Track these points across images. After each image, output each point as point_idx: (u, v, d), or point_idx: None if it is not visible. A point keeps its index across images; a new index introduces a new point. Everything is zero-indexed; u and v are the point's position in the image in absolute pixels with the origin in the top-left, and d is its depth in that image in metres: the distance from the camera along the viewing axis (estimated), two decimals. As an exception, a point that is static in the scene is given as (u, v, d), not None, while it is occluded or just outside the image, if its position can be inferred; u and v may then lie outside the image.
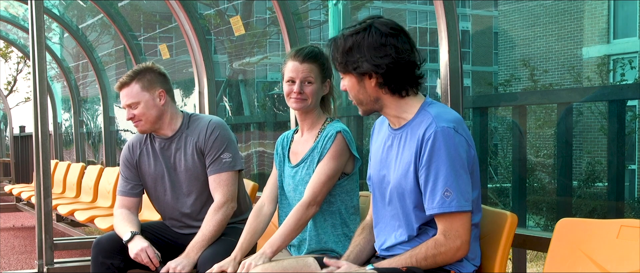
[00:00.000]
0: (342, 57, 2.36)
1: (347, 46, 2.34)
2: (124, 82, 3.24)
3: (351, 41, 2.33)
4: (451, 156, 2.24)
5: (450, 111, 2.39)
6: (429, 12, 26.64)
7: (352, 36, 2.34)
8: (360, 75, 2.35)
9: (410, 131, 2.35)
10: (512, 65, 16.89)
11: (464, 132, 2.30)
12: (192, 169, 3.25)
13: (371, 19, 2.37)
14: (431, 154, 2.25)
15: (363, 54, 2.31)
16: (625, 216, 4.17)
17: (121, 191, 3.39)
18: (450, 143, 2.25)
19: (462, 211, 2.24)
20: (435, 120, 2.28)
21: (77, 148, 10.42)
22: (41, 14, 4.35)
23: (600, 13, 14.69)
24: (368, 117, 5.83)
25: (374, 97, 2.38)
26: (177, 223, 3.37)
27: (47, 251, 4.33)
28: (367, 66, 2.31)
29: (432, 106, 2.36)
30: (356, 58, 2.32)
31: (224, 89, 12.16)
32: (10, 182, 12.57)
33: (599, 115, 10.28)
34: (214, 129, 3.23)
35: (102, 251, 3.18)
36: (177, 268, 3.01)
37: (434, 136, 2.25)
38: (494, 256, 2.51)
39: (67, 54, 11.45)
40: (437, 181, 2.24)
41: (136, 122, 3.24)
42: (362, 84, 2.36)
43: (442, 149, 2.24)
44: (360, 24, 2.37)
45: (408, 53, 2.34)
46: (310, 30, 13.74)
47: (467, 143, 2.30)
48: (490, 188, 9.27)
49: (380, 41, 2.31)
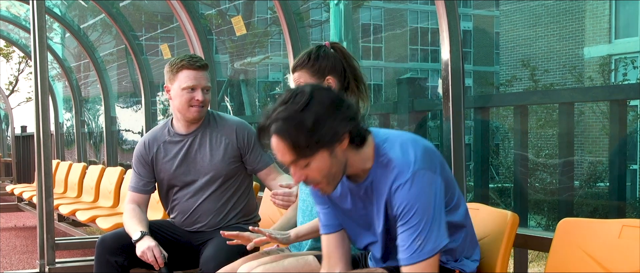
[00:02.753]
0: (311, 136, 2.01)
1: (309, 122, 2.00)
2: (205, 64, 3.23)
3: (311, 114, 2.01)
4: (424, 206, 2.07)
5: (407, 142, 2.15)
6: (430, 12, 26.66)
7: (305, 110, 2.01)
8: (332, 145, 2.06)
9: (375, 184, 2.17)
10: (513, 65, 16.90)
11: (429, 162, 2.12)
12: (216, 165, 3.27)
13: (295, 89, 2.06)
14: (404, 209, 2.08)
15: (331, 118, 2.03)
16: (627, 216, 4.17)
17: (133, 188, 3.39)
18: (423, 190, 2.07)
19: (432, 256, 2.09)
20: (399, 168, 2.09)
21: (78, 147, 10.43)
22: (43, 14, 4.36)
23: (602, 13, 14.69)
24: (369, 117, 5.83)
25: (343, 162, 2.11)
26: (187, 220, 3.37)
27: (49, 251, 4.34)
28: (344, 125, 2.05)
29: (386, 144, 2.15)
30: (328, 126, 2.02)
31: (226, 89, 12.17)
32: (12, 182, 12.57)
33: (600, 115, 10.28)
34: (249, 130, 3.34)
35: (106, 248, 3.19)
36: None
37: (405, 188, 2.08)
38: (495, 256, 2.51)
39: (69, 54, 11.46)
40: (412, 234, 2.08)
41: (201, 107, 3.21)
42: (334, 154, 2.07)
43: (414, 202, 2.07)
44: (295, 97, 2.03)
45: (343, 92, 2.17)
46: (312, 30, 13.75)
47: (439, 168, 2.13)
48: (492, 188, 9.27)
49: (332, 95, 2.08)
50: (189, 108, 3.19)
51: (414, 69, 28.18)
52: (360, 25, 25.13)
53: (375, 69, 27.12)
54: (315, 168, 2.07)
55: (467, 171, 3.59)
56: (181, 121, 3.30)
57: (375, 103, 17.11)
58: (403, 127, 4.96)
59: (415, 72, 27.97)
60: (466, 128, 3.58)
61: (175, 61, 3.24)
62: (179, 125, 3.32)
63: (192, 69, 3.18)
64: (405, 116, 4.84)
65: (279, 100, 2.06)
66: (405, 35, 27.97)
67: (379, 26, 27.47)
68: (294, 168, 2.08)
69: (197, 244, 3.26)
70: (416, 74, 27.18)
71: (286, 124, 2.01)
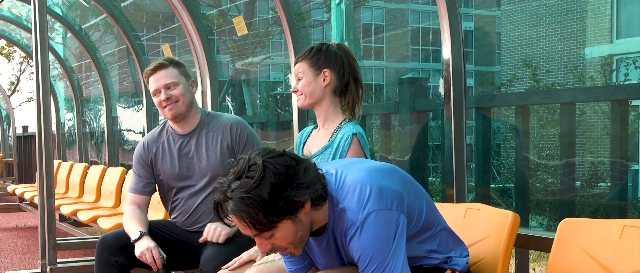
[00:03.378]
0: (270, 211, 1.95)
1: (265, 196, 1.93)
2: (161, 64, 3.24)
3: (266, 189, 1.93)
4: (380, 249, 2.03)
5: (359, 184, 2.07)
6: (431, 12, 26.63)
7: (260, 185, 1.93)
8: (294, 213, 1.99)
9: (335, 235, 2.14)
10: (514, 65, 16.89)
11: (382, 200, 2.05)
12: (214, 165, 3.28)
13: (247, 161, 1.98)
14: (360, 257, 2.05)
15: (288, 188, 1.96)
16: (628, 217, 4.17)
17: (133, 189, 3.40)
18: (376, 233, 2.02)
19: None
20: (350, 217, 2.05)
21: (80, 148, 10.43)
22: (44, 14, 4.36)
23: (603, 13, 14.68)
24: (370, 117, 5.84)
25: (308, 224, 2.06)
26: (188, 220, 3.38)
27: (50, 251, 4.34)
28: (303, 193, 1.98)
29: (340, 192, 2.09)
30: (286, 197, 1.95)
31: (227, 89, 12.16)
32: (13, 182, 12.58)
33: (602, 115, 10.27)
34: (242, 129, 3.31)
35: (107, 248, 3.21)
36: (217, 228, 3.10)
37: (355, 237, 2.03)
38: (496, 256, 2.51)
39: (70, 54, 11.46)
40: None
41: (172, 104, 3.21)
42: (297, 220, 2.01)
43: (367, 249, 2.03)
44: (248, 171, 1.96)
45: (298, 154, 2.08)
46: (313, 30, 13.75)
47: (395, 203, 2.07)
48: (493, 188, 9.26)
49: (286, 162, 1.99)
50: (163, 110, 3.25)
51: (416, 69, 28.17)
52: (362, 25, 25.12)
53: (377, 69, 27.11)
54: (280, 237, 2.03)
55: (468, 172, 3.59)
56: (171, 122, 3.34)
57: (376, 103, 17.12)
58: (404, 127, 4.97)
59: (417, 72, 27.96)
60: (467, 128, 3.58)
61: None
62: (175, 126, 3.34)
63: (152, 74, 3.24)
64: (407, 116, 4.85)
65: (233, 172, 1.99)
66: (407, 35, 27.95)
67: (381, 26, 27.45)
68: (259, 240, 2.04)
69: (197, 244, 3.26)
70: (417, 74, 27.17)
71: (242, 204, 1.94)
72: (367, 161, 2.32)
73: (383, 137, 5.81)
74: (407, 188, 2.17)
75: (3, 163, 14.69)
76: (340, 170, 2.15)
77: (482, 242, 2.58)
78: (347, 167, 2.18)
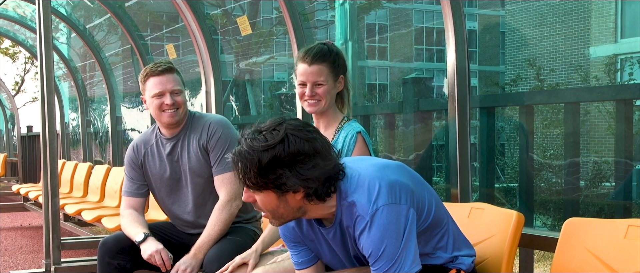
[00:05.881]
0: (258, 175, 2.00)
1: (263, 161, 1.98)
2: (169, 67, 3.20)
3: (268, 156, 1.98)
4: (391, 243, 2.03)
5: (370, 179, 2.09)
6: (435, 11, 26.63)
7: (267, 150, 1.98)
8: (281, 191, 2.03)
9: (343, 227, 2.15)
10: (518, 65, 16.86)
11: (392, 195, 2.06)
12: (196, 167, 3.26)
13: (280, 123, 2.03)
14: (371, 253, 2.06)
15: (286, 169, 1.99)
16: (633, 216, 4.16)
17: (127, 192, 3.39)
18: (387, 227, 2.03)
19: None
20: (359, 212, 2.06)
21: (84, 147, 10.45)
22: (48, 14, 4.37)
23: (608, 12, 14.64)
24: (374, 117, 5.83)
25: (296, 208, 2.09)
26: (183, 223, 3.38)
27: (55, 250, 4.34)
28: (294, 182, 2.00)
29: (350, 185, 2.10)
30: (278, 175, 1.99)
31: (231, 88, 12.18)
32: (18, 182, 12.61)
33: (606, 115, 10.25)
34: (217, 129, 3.24)
35: (108, 251, 3.19)
36: (187, 270, 3.03)
37: (365, 233, 2.05)
38: (501, 256, 2.50)
39: (75, 54, 11.48)
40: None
41: (174, 110, 3.19)
42: (283, 199, 2.05)
43: (378, 244, 2.04)
44: (271, 132, 2.01)
45: (328, 152, 2.06)
46: (317, 30, 13.75)
47: (404, 196, 2.08)
48: (497, 188, 9.26)
49: (303, 149, 2.01)
50: (161, 113, 3.19)
51: (420, 69, 28.13)
52: (366, 25, 25.11)
53: (381, 69, 27.10)
54: (260, 202, 2.08)
55: (472, 171, 3.59)
56: (162, 126, 3.30)
57: (380, 103, 17.10)
58: (408, 127, 4.96)
59: (421, 72, 27.93)
60: (472, 128, 3.58)
61: (142, 71, 3.27)
62: (164, 130, 3.32)
63: (156, 75, 3.18)
64: (411, 116, 4.84)
65: (264, 125, 2.04)
66: (411, 35, 27.92)
67: (384, 26, 27.43)
68: (245, 189, 2.10)
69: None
70: (422, 74, 27.13)
71: (243, 155, 2.01)
72: (374, 158, 2.34)
73: (387, 137, 5.81)
74: (415, 184, 2.18)
75: (7, 163, 14.72)
76: (349, 165, 2.16)
77: (486, 241, 2.58)
78: (356, 162, 2.20)
